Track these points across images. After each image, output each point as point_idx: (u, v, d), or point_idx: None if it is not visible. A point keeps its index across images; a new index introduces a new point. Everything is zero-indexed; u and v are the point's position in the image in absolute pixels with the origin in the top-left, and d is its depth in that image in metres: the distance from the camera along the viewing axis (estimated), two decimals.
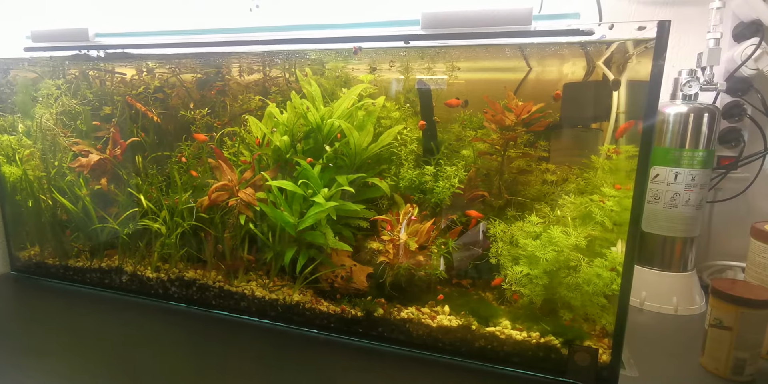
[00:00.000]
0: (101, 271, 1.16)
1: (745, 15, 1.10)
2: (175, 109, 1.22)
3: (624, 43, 0.79)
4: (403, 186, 1.00)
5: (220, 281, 1.06)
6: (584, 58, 0.99)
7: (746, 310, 0.83)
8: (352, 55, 0.89)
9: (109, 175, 1.11)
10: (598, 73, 1.03)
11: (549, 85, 1.04)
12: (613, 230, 0.83)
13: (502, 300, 0.94)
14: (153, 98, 1.22)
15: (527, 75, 1.07)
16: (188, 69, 1.22)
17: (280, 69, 1.23)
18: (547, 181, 0.98)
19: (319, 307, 0.98)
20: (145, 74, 1.25)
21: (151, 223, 1.06)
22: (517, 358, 0.86)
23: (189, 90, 1.21)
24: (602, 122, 1.01)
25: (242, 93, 1.22)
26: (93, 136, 1.15)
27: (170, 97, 1.23)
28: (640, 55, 0.91)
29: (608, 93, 1.00)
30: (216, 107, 1.19)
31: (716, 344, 0.87)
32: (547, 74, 1.08)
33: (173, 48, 1.08)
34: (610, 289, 0.80)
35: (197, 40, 1.03)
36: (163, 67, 1.22)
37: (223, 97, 1.20)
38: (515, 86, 1.07)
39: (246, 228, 1.01)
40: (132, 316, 1.05)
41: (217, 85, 1.22)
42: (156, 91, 1.22)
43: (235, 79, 1.25)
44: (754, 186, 1.22)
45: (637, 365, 0.87)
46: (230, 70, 1.25)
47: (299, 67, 1.19)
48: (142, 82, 1.22)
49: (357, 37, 0.83)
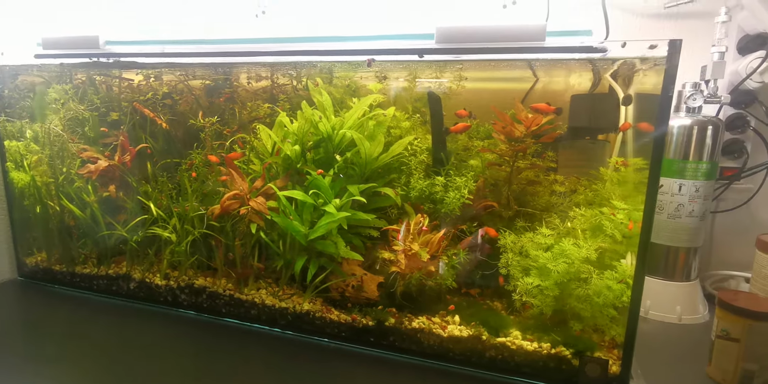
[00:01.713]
0: (108, 278, 1.16)
1: (751, 28, 1.12)
2: (183, 115, 1.23)
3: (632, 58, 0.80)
4: (413, 196, 1.01)
5: (230, 289, 1.06)
6: (591, 70, 1.01)
7: (754, 322, 0.84)
8: (366, 66, 0.90)
9: (118, 182, 1.11)
10: (604, 85, 1.05)
11: (555, 95, 1.05)
12: (622, 242, 0.84)
13: (511, 310, 0.95)
14: (161, 104, 1.23)
15: (534, 85, 1.08)
16: (197, 76, 1.22)
17: (289, 77, 1.23)
18: (556, 192, 0.99)
19: (329, 316, 0.98)
20: (153, 80, 1.25)
21: (161, 230, 1.07)
22: (527, 368, 0.87)
23: (198, 97, 1.21)
24: (609, 134, 1.03)
25: (250, 100, 1.23)
26: (101, 142, 1.15)
27: (178, 103, 1.24)
28: (647, 69, 0.92)
29: (615, 105, 1.01)
30: (225, 114, 1.19)
31: (723, 355, 0.88)
32: (554, 85, 1.09)
33: (181, 58, 1.09)
34: (620, 301, 0.81)
35: (207, 50, 1.04)
36: (172, 74, 1.22)
37: (231, 105, 1.21)
38: (522, 96, 1.08)
39: (257, 236, 1.02)
40: (139, 323, 1.05)
41: (226, 93, 1.22)
42: (164, 97, 1.23)
43: (243, 86, 1.26)
44: (757, 197, 1.24)
45: (643, 375, 0.89)
46: (238, 78, 1.26)
47: (307, 75, 1.20)
48: (150, 87, 1.22)
49: (373, 50, 0.84)
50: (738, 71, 1.14)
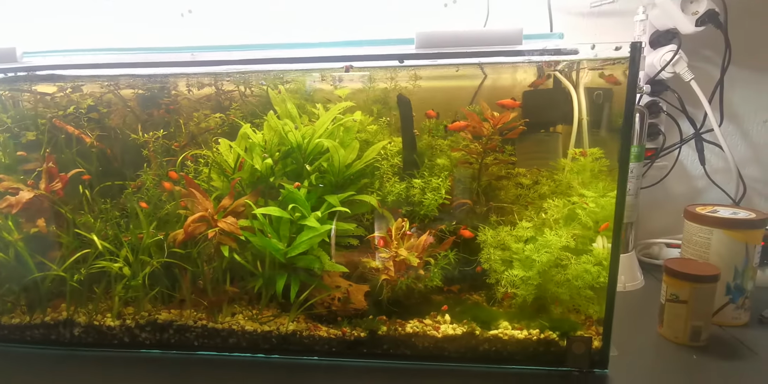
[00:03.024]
0: (45, 327, 1.00)
1: (662, 24, 1.27)
2: (116, 130, 1.09)
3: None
4: (390, 200, 1.00)
5: (201, 319, 0.97)
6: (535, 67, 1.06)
7: (698, 285, 0.97)
8: (344, 72, 0.86)
9: (47, 214, 0.95)
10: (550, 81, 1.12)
11: (504, 91, 1.10)
12: (592, 228, 0.91)
13: (493, 301, 0.99)
14: (86, 119, 1.07)
15: (482, 82, 1.13)
16: (128, 85, 1.08)
17: (235, 83, 1.14)
18: (522, 185, 1.05)
19: (318, 333, 0.95)
20: (70, 91, 1.08)
21: (109, 264, 0.94)
22: (519, 355, 0.92)
23: (132, 109, 1.08)
24: (562, 125, 1.11)
25: (195, 110, 1.12)
26: (20, 169, 0.97)
27: (107, 116, 1.09)
28: (593, 68, 1.01)
29: (564, 99, 1.09)
30: (167, 127, 1.07)
31: (674, 317, 1.00)
32: (502, 82, 1.15)
33: (110, 69, 0.95)
34: (597, 281, 0.88)
35: (141, 61, 0.92)
36: (98, 84, 1.07)
37: (175, 116, 1.09)
38: (471, 93, 1.12)
39: (228, 259, 0.94)
40: (89, 370, 0.92)
41: (165, 102, 1.10)
42: (89, 110, 1.07)
43: (184, 95, 1.14)
44: (672, 173, 1.42)
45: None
46: (176, 85, 1.14)
47: (257, 81, 1.12)
48: (70, 101, 1.06)
49: (351, 57, 0.80)
50: (653, 64, 1.29)
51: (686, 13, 1.19)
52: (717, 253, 1.05)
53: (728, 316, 1.07)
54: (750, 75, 1.38)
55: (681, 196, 1.48)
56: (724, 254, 1.04)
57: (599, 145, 1.00)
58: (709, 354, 0.96)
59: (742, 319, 1.07)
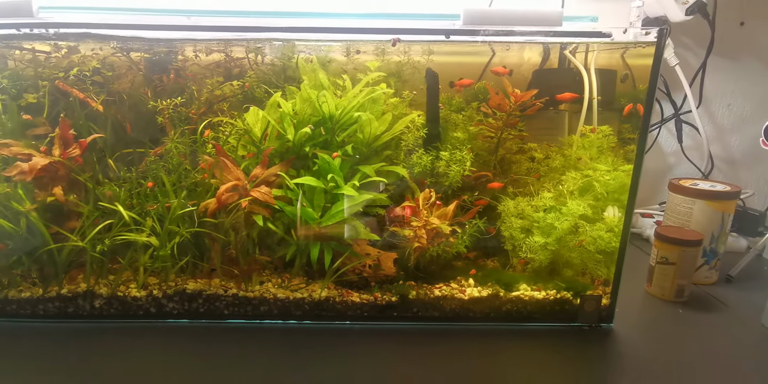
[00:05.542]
0: (60, 299, 0.95)
1: (653, 12, 1.36)
2: (124, 95, 1.03)
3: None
4: (416, 171, 1.03)
5: (231, 288, 0.97)
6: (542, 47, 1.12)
7: (686, 248, 1.09)
8: (391, 46, 0.87)
9: (64, 182, 0.89)
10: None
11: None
12: (606, 198, 1.00)
13: (508, 266, 1.07)
14: (90, 82, 1.00)
15: (491, 59, 1.17)
16: (134, 48, 1.01)
17: (245, 50, 1.10)
18: (535, 159, 1.12)
19: (350, 299, 0.98)
20: (66, 52, 1.00)
21: (136, 235, 0.91)
22: (538, 314, 1.00)
23: (144, 73, 1.02)
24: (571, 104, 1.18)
25: (207, 77, 1.08)
26: (29, 134, 0.90)
27: (113, 80, 1.02)
28: (602, 50, 1.08)
29: (572, 78, 1.16)
30: (183, 94, 1.03)
31: (663, 276, 1.13)
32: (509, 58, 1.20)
33: (142, 31, 0.89)
34: (610, 247, 0.98)
35: (183, 24, 0.87)
36: (101, 43, 0.99)
37: (188, 82, 1.04)
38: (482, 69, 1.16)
39: (260, 228, 0.94)
40: (116, 341, 0.90)
41: (175, 67, 1.05)
42: (94, 73, 1.00)
43: (192, 60, 1.09)
44: (649, 153, 1.56)
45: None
46: (184, 50, 1.08)
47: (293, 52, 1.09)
48: (72, 62, 0.98)
49: (398, 30, 0.81)
50: None
51: (677, 3, 1.29)
52: (697, 221, 1.19)
53: (702, 276, 1.22)
54: (718, 62, 1.53)
55: (653, 171, 1.62)
56: (703, 222, 1.18)
57: (606, 123, 1.09)
58: (690, 308, 1.10)
59: (713, 278, 1.23)
